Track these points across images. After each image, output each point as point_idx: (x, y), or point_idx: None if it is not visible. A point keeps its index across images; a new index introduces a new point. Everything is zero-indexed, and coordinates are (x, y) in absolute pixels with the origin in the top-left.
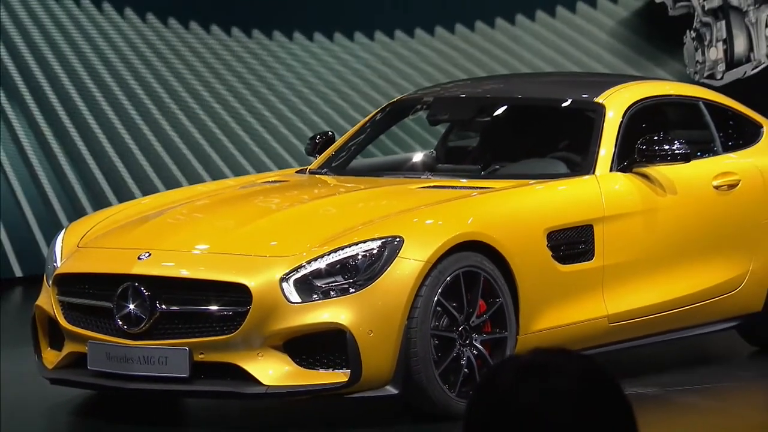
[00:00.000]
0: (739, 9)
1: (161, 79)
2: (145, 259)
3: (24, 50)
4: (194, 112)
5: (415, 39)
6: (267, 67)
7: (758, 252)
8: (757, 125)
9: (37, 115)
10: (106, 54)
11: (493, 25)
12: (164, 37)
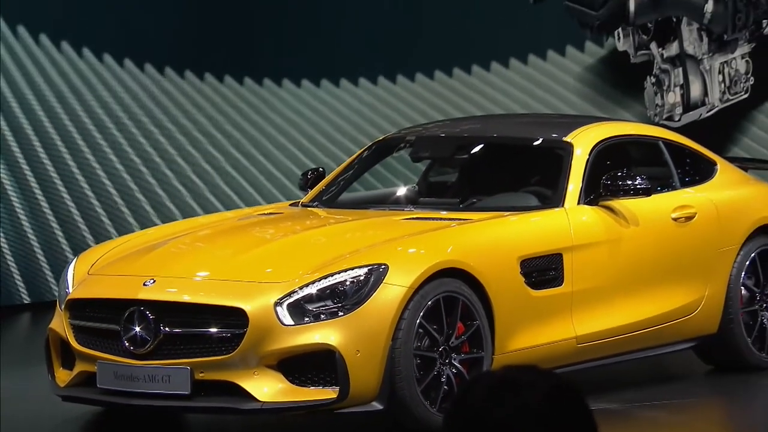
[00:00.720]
0: (695, 57)
1: (159, 124)
2: (150, 286)
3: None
4: (188, 152)
5: (397, 85)
6: (256, 111)
7: (713, 279)
8: (711, 163)
9: (42, 155)
10: (106, 100)
11: (470, 72)
12: (161, 86)
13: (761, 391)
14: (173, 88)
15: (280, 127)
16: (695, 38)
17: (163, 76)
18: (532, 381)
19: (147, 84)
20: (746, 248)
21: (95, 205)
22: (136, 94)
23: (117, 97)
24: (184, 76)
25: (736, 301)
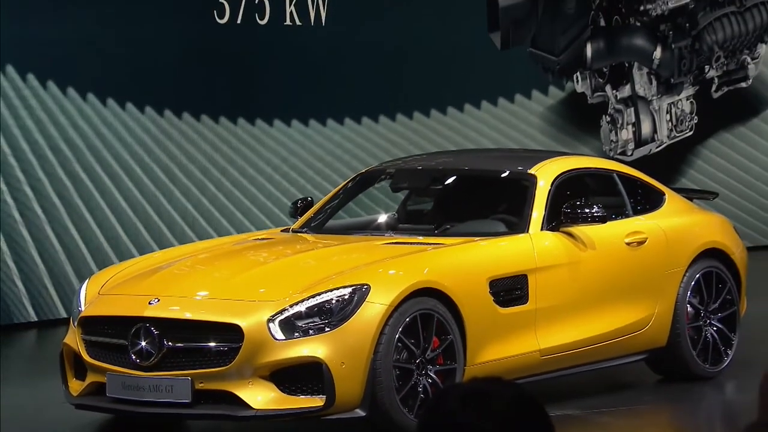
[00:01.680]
0: (645, 98)
1: (157, 160)
2: (155, 304)
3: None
4: (186, 185)
5: (379, 124)
6: (250, 149)
7: (662, 297)
8: (660, 193)
9: (47, 187)
10: (109, 140)
11: (446, 113)
12: (160, 126)
13: (705, 398)
14: (171, 128)
15: (271, 162)
16: (645, 81)
17: (162, 117)
18: (497, 391)
19: (147, 124)
20: (691, 270)
21: (97, 233)
22: (136, 134)
23: (120, 136)
24: (181, 117)
25: (682, 317)
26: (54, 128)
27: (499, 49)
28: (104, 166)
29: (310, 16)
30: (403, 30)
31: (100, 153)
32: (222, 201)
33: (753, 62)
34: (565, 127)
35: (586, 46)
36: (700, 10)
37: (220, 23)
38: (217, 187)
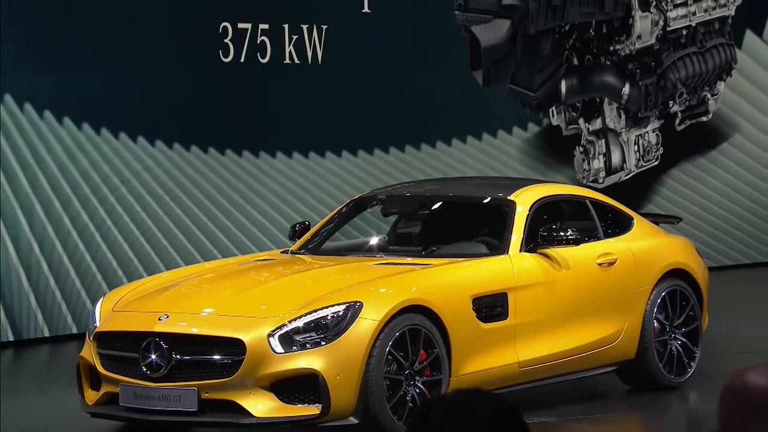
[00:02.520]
0: (615, 131)
1: (166, 188)
2: (164, 320)
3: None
4: (193, 211)
5: (373, 156)
6: (253, 178)
7: (631, 314)
8: (629, 217)
9: (61, 213)
10: (119, 168)
11: (435, 146)
12: (170, 157)
13: (670, 407)
14: (180, 159)
15: (272, 189)
16: (615, 115)
17: (171, 150)
18: (479, 401)
19: (157, 156)
20: (658, 288)
21: (107, 254)
22: (147, 164)
23: (130, 167)
24: (190, 150)
25: (650, 332)
26: (69, 160)
27: (481, 86)
28: (115, 193)
29: (308, 55)
30: (396, 70)
31: (111, 181)
32: (226, 225)
33: (713, 98)
34: (541, 156)
35: (561, 83)
36: (665, 50)
37: (225, 62)
38: (222, 212)
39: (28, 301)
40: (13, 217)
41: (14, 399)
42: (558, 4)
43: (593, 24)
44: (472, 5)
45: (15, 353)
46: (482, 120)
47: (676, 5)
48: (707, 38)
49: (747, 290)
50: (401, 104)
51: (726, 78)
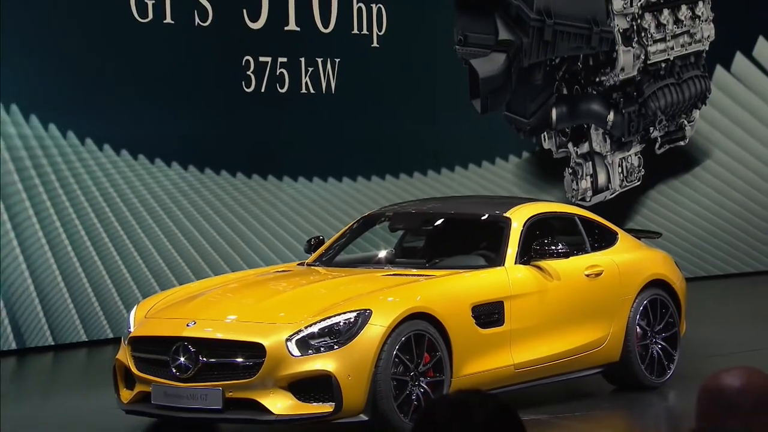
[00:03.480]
0: (601, 154)
1: (197, 206)
2: (192, 326)
3: (75, 189)
4: (218, 224)
5: (385, 181)
6: (264, 200)
7: (616, 320)
8: (614, 233)
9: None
10: (152, 188)
11: (440, 173)
12: (201, 180)
13: (652, 405)
14: (211, 182)
15: (290, 205)
16: (601, 140)
17: (202, 174)
18: (479, 401)
19: (190, 179)
20: (640, 297)
21: (141, 266)
22: (178, 184)
23: (163, 186)
24: (219, 173)
25: (633, 337)
26: (109, 183)
27: (479, 113)
28: (150, 212)
29: (322, 86)
30: (403, 101)
31: (148, 202)
32: (251, 238)
33: (689, 125)
34: (534, 177)
35: (552, 110)
36: (645, 81)
37: (247, 92)
38: (247, 227)
39: (68, 308)
40: (55, 232)
41: (57, 398)
42: (549, 40)
43: (581, 57)
44: (472, 40)
45: (54, 356)
46: (481, 149)
47: (656, 41)
48: (684, 71)
49: (721, 299)
50: (408, 133)
51: (701, 106)
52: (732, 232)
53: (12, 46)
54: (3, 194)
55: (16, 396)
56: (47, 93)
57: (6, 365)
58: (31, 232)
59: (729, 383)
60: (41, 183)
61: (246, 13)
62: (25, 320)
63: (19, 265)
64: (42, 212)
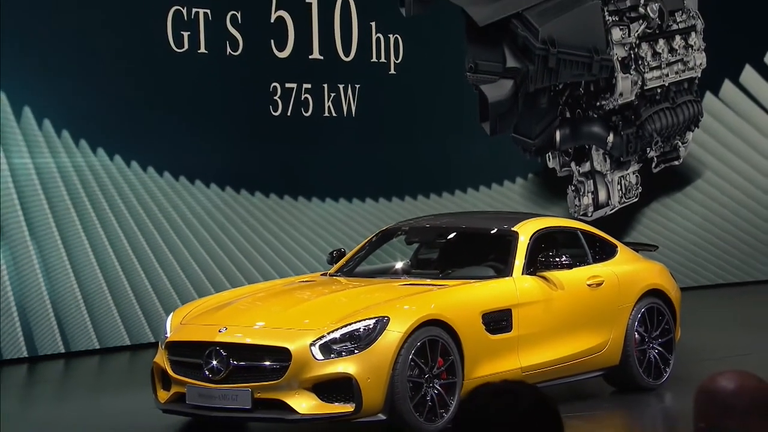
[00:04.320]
0: (601, 172)
1: (232, 222)
2: (224, 332)
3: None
4: (252, 237)
5: (404, 201)
6: (302, 214)
7: (615, 326)
8: (613, 246)
9: (143, 243)
10: (191, 205)
11: (453, 194)
12: (236, 198)
13: (649, 405)
14: (234, 202)
15: (315, 221)
16: (601, 159)
17: (223, 192)
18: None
19: (227, 198)
20: (638, 306)
21: (181, 275)
22: (214, 202)
23: (200, 202)
24: (239, 192)
25: (631, 342)
26: (152, 202)
27: (489, 135)
28: (190, 227)
29: (344, 110)
30: (421, 125)
31: (187, 218)
32: (281, 250)
33: (683, 146)
34: (539, 194)
35: (556, 132)
36: (642, 105)
37: (274, 115)
38: (278, 240)
39: (112, 315)
40: (101, 244)
41: (101, 398)
42: (553, 67)
43: (582, 83)
44: (481, 68)
45: (101, 359)
46: (491, 172)
47: (652, 68)
48: (678, 96)
49: (713, 307)
50: (425, 158)
51: (694, 129)
52: (722, 246)
53: (64, 78)
54: (54, 210)
55: (63, 396)
56: (95, 119)
57: (55, 368)
58: (78, 244)
59: (724, 386)
60: (89, 201)
61: (273, 43)
62: (72, 325)
63: (68, 274)
64: (90, 228)
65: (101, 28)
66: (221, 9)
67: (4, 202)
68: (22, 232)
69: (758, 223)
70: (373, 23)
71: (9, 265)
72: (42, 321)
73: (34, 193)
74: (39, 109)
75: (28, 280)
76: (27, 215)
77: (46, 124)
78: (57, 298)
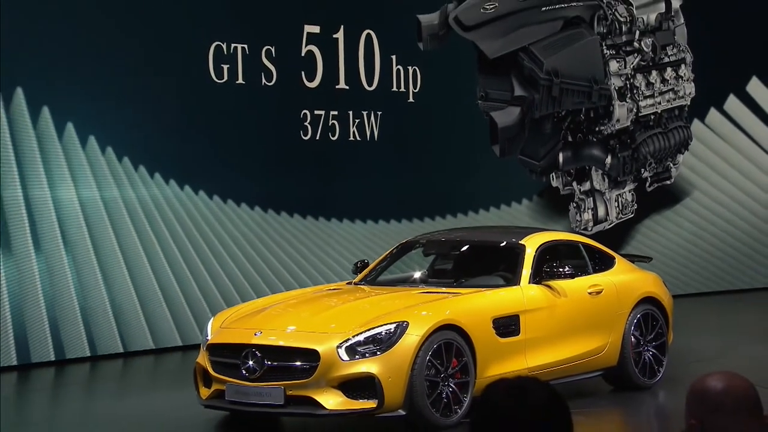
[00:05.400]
0: (600, 191)
1: (278, 243)
2: (259, 335)
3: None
4: (289, 251)
5: (424, 222)
6: (332, 229)
7: (614, 331)
8: (611, 257)
9: (193, 254)
10: (236, 222)
11: (467, 215)
12: (266, 219)
13: (644, 403)
14: (276, 222)
15: (343, 236)
16: (600, 179)
17: (279, 215)
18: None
19: (257, 218)
20: (634, 312)
21: (226, 282)
22: (256, 220)
23: (243, 220)
24: (293, 215)
25: (628, 345)
26: (203, 221)
27: (498, 157)
28: (235, 240)
29: (367, 134)
30: (436, 150)
31: (234, 234)
32: (313, 261)
33: (674, 167)
34: (544, 210)
35: (559, 154)
36: (637, 130)
37: (304, 139)
38: (310, 252)
39: (166, 318)
40: (155, 254)
41: (151, 394)
42: (556, 96)
43: (583, 110)
44: (491, 96)
45: (155, 359)
46: (500, 194)
47: (646, 97)
48: (670, 122)
49: (702, 313)
50: (441, 182)
51: (684, 152)
52: (709, 258)
53: (125, 109)
54: (117, 232)
55: (121, 393)
56: (152, 147)
57: (114, 366)
58: (136, 256)
59: (713, 385)
60: (146, 219)
61: (304, 74)
62: (129, 328)
63: (126, 281)
64: (147, 243)
65: (155, 61)
66: (257, 44)
67: (70, 218)
68: (85, 243)
69: (742, 237)
70: (393, 56)
71: (72, 272)
72: (103, 323)
73: (98, 213)
74: (103, 137)
75: (89, 288)
76: (92, 233)
77: (109, 151)
78: (115, 302)
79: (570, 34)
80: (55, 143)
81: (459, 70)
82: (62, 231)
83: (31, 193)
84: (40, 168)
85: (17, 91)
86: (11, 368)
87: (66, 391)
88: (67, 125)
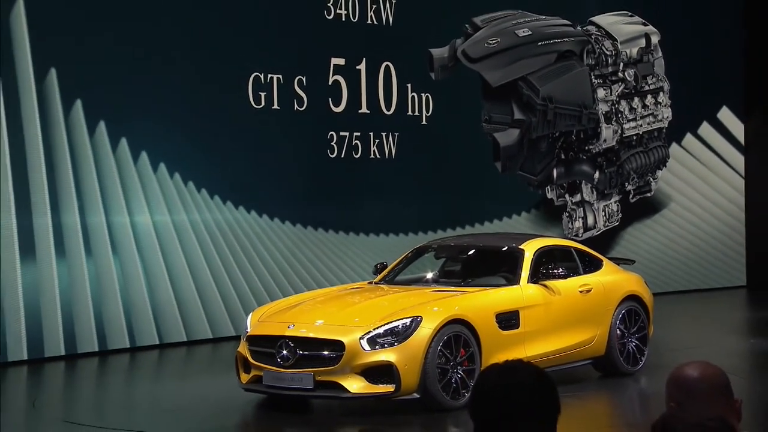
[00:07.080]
0: (589, 202)
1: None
2: (292, 328)
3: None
4: (320, 256)
5: (437, 234)
6: (357, 239)
7: (601, 324)
8: (599, 260)
9: (229, 256)
10: (273, 238)
11: (474, 225)
12: (295, 232)
13: (628, 387)
14: (302, 235)
15: (365, 245)
16: (589, 192)
17: (294, 226)
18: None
19: (287, 230)
20: (619, 308)
21: (256, 281)
22: (278, 234)
23: (278, 235)
24: (317, 229)
25: (614, 336)
26: (240, 230)
27: (500, 173)
28: (274, 244)
29: (386, 152)
30: (448, 167)
31: (264, 241)
32: (340, 264)
33: (654, 181)
34: (540, 221)
35: (553, 170)
36: (622, 149)
37: (331, 157)
38: (337, 256)
39: (199, 314)
40: (195, 255)
41: (193, 381)
42: (551, 119)
43: (574, 132)
44: (495, 119)
45: (213, 347)
46: (501, 208)
47: (629, 120)
48: (650, 142)
49: (680, 309)
50: (451, 197)
51: (663, 168)
52: (685, 261)
53: (174, 132)
54: (160, 236)
55: (160, 380)
56: (200, 165)
57: (150, 356)
58: (177, 260)
59: (689, 373)
60: (191, 226)
61: (331, 100)
62: (165, 321)
63: (165, 281)
64: (188, 245)
65: (202, 89)
66: (290, 74)
67: (121, 234)
68: (130, 244)
69: (713, 242)
70: (408, 85)
71: (119, 276)
72: (142, 316)
73: (147, 232)
74: (155, 155)
75: (133, 287)
76: (139, 247)
77: (161, 168)
78: (155, 300)
79: (563, 66)
80: (110, 158)
81: (466, 96)
82: (112, 242)
83: (89, 219)
84: (97, 193)
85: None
86: (59, 358)
87: (136, 375)
88: (120, 141)
